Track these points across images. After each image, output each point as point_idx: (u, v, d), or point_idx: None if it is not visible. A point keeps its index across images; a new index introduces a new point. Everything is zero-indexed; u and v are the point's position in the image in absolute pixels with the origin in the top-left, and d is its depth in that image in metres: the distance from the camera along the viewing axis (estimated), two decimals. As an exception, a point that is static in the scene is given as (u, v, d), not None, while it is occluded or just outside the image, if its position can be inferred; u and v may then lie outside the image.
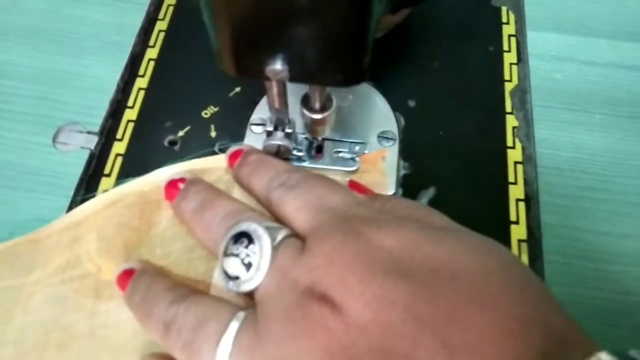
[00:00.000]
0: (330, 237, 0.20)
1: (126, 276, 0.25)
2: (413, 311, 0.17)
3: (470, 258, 0.18)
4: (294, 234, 0.22)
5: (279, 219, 0.24)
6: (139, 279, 0.25)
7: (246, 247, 0.21)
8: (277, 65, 0.22)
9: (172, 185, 0.27)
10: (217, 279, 0.25)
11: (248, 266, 0.21)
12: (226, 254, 0.22)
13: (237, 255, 0.21)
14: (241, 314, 0.20)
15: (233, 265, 0.21)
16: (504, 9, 0.39)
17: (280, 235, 0.21)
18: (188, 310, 0.21)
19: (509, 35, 0.38)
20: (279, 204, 0.23)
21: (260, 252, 0.21)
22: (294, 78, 0.23)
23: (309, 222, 0.21)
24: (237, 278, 0.21)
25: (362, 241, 0.19)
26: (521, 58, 0.37)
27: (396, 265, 0.18)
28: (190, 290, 0.23)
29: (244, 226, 0.22)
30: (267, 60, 0.22)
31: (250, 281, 0.20)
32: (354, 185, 0.27)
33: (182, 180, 0.27)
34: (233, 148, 0.29)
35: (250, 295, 0.21)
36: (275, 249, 0.21)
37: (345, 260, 0.19)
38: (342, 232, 0.20)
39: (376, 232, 0.19)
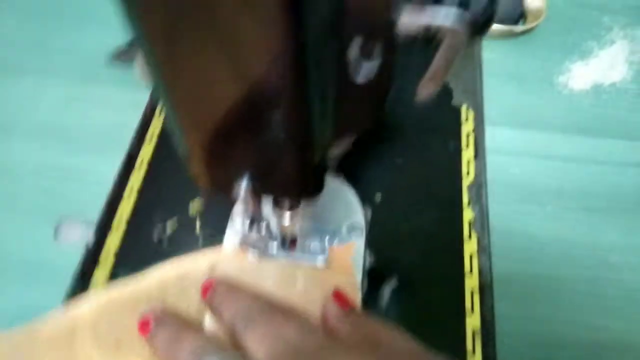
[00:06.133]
0: None
1: None
2: None
3: None
4: None
5: (243, 349, 0.27)
6: None
7: None
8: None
9: (144, 323, 0.30)
10: None
11: None
12: None
13: None
14: None
15: None
16: (463, 107, 0.44)
17: None
18: None
19: (467, 134, 0.42)
20: (241, 335, 0.27)
21: None
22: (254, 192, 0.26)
23: (265, 353, 0.25)
24: None
25: None
26: (478, 154, 0.41)
27: None
28: None
29: None
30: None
31: None
32: (338, 296, 0.30)
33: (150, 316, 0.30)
34: (205, 281, 0.32)
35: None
36: None
37: None
38: None
39: None
